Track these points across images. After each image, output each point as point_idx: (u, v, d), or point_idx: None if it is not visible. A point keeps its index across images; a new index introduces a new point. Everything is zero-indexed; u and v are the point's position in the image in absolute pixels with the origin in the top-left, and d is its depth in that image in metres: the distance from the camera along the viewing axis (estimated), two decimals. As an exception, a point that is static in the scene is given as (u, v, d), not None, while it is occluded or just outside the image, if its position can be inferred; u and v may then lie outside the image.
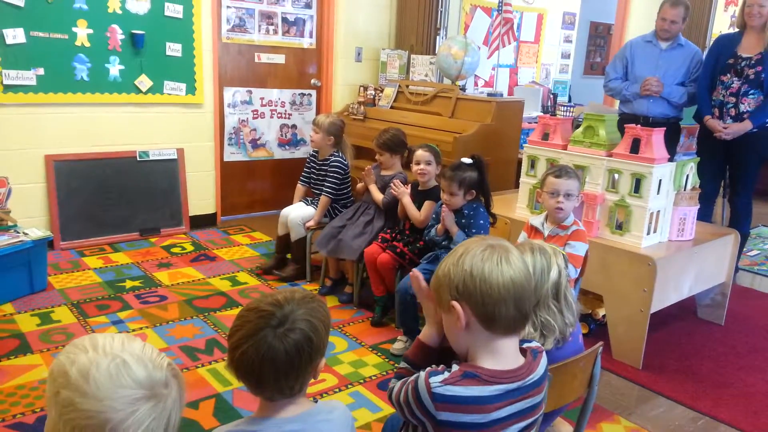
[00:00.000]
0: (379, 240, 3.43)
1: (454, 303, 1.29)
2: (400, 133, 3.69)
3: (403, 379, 1.38)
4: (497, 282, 1.26)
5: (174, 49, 4.50)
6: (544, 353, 1.41)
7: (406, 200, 3.38)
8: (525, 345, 1.40)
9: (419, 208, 3.34)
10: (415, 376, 1.33)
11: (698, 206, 3.30)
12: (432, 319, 1.46)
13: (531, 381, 1.32)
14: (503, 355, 1.31)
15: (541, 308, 1.69)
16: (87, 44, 4.16)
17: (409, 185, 3.45)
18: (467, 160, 3.00)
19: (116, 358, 0.95)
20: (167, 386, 0.98)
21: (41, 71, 4.01)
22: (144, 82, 4.43)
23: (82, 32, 4.12)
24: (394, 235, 3.44)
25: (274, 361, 1.21)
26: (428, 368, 1.32)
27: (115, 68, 4.30)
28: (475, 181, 2.96)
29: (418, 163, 3.36)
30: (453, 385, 1.26)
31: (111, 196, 4.46)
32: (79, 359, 0.94)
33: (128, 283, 3.73)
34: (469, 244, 1.33)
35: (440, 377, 1.28)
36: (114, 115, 4.39)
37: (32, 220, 4.05)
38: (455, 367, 1.30)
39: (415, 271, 1.55)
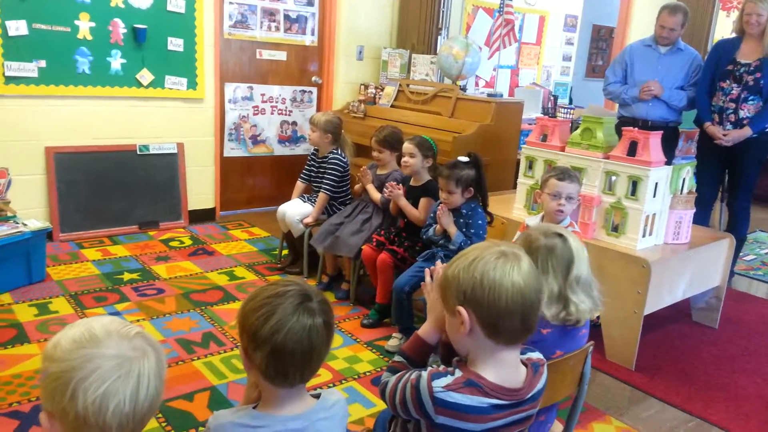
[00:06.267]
0: (374, 243, 3.40)
1: (460, 308, 1.27)
2: (398, 130, 3.71)
3: (399, 375, 1.37)
4: (506, 294, 1.23)
5: (176, 44, 4.52)
6: (545, 366, 1.40)
7: (402, 202, 3.36)
8: (527, 356, 1.39)
9: (415, 204, 3.35)
10: (415, 374, 1.31)
11: (694, 210, 3.31)
12: (434, 315, 1.46)
13: (530, 395, 1.32)
14: (504, 364, 1.30)
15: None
16: (89, 37, 4.17)
17: (401, 185, 3.44)
18: (464, 159, 3.00)
19: (84, 327, 1.02)
20: (135, 349, 1.01)
21: (43, 63, 4.03)
22: (145, 76, 4.44)
23: (84, 25, 4.14)
24: (391, 237, 3.40)
25: (310, 339, 1.23)
26: (430, 369, 1.31)
27: (116, 62, 4.32)
28: (472, 179, 2.97)
29: (403, 156, 3.39)
30: (455, 392, 1.25)
31: (111, 189, 4.47)
32: (57, 335, 1.02)
33: (126, 276, 3.75)
34: (482, 250, 1.29)
35: (443, 381, 1.27)
36: (115, 109, 4.41)
37: (31, 211, 4.06)
38: (458, 372, 1.29)
39: (432, 269, 1.55)
